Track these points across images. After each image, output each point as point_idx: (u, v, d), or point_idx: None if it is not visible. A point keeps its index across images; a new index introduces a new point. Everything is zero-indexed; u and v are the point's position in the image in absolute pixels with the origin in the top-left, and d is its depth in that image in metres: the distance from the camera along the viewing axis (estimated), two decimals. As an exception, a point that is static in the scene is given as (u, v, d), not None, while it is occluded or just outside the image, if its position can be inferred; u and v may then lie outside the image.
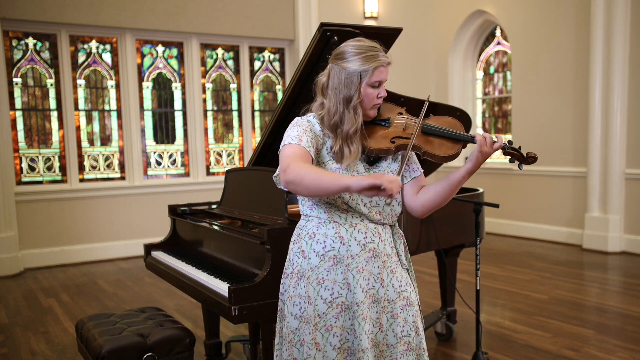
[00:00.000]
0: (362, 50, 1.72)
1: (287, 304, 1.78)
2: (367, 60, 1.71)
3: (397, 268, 1.81)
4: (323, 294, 1.72)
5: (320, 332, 1.71)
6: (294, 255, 1.80)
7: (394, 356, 1.76)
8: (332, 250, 1.73)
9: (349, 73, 1.72)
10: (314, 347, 1.70)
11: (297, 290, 1.76)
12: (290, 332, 1.76)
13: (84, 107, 6.44)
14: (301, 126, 1.73)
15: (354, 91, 1.71)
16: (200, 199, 5.96)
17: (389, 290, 1.77)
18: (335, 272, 1.73)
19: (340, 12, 7.43)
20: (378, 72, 1.72)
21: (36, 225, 6.09)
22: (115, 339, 2.37)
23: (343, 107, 1.73)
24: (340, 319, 1.72)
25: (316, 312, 1.72)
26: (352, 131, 1.73)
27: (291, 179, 1.56)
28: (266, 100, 7.51)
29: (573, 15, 6.45)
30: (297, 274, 1.77)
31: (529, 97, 7.03)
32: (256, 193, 2.69)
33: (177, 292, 4.78)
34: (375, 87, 1.74)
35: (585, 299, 4.49)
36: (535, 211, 7.00)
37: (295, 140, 1.68)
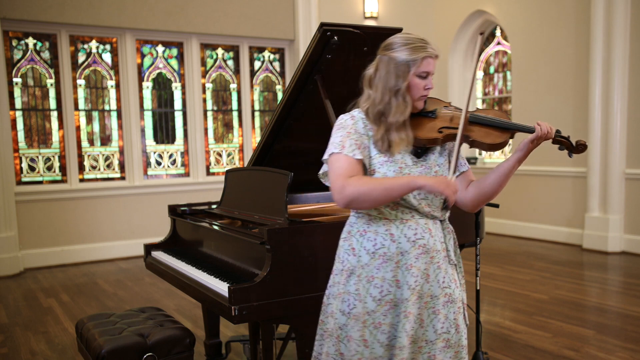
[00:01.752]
0: (411, 41, 1.74)
1: (335, 300, 1.79)
2: (416, 51, 1.72)
3: (443, 264, 1.81)
4: (372, 291, 1.74)
5: (368, 329, 1.73)
6: (344, 253, 1.81)
7: (432, 352, 1.76)
8: (383, 247, 1.74)
9: (397, 62, 1.72)
10: (362, 344, 1.72)
11: (347, 287, 1.77)
12: (338, 327, 1.77)
13: (84, 107, 6.44)
14: (344, 128, 1.75)
15: (402, 80, 1.72)
16: (200, 199, 5.96)
17: (434, 286, 1.77)
18: (385, 270, 1.74)
19: (340, 12, 7.43)
20: (426, 63, 1.73)
21: (36, 225, 6.09)
22: (115, 339, 2.37)
23: (390, 96, 1.73)
24: (388, 316, 1.74)
25: (365, 310, 1.73)
26: (401, 119, 1.73)
27: (354, 198, 1.63)
28: (266, 100, 7.51)
29: (573, 15, 6.45)
30: (347, 271, 1.78)
31: (529, 97, 7.03)
32: (256, 193, 2.69)
33: (177, 292, 4.78)
34: (423, 77, 1.74)
35: (585, 299, 4.49)
36: (535, 211, 7.00)
37: (338, 147, 1.71)
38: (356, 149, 1.71)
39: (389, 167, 1.73)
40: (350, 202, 1.65)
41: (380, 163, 1.73)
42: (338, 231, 2.28)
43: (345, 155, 1.69)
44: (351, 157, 1.69)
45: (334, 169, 1.69)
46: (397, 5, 7.85)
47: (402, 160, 1.75)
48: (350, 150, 1.70)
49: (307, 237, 2.22)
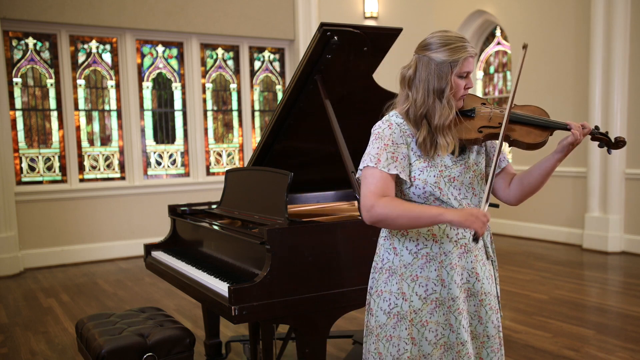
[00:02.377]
0: (451, 40, 1.72)
1: (375, 298, 1.80)
2: (457, 51, 1.70)
3: (486, 260, 1.84)
4: (418, 290, 1.74)
5: (416, 327, 1.74)
6: (385, 251, 1.81)
7: (495, 346, 1.81)
8: (425, 247, 1.75)
9: (438, 63, 1.71)
10: (410, 342, 1.73)
11: (387, 286, 1.77)
12: (378, 326, 1.77)
13: (84, 107, 6.44)
14: (382, 139, 1.72)
15: (445, 82, 1.71)
16: (200, 199, 5.95)
17: (485, 283, 1.79)
18: (428, 270, 1.74)
19: (340, 12, 7.43)
20: (467, 63, 1.72)
21: (36, 225, 6.09)
22: (115, 339, 2.37)
23: (433, 98, 1.71)
24: (435, 315, 1.74)
25: (412, 308, 1.74)
26: (448, 122, 1.72)
27: (380, 220, 1.65)
28: (266, 100, 7.51)
29: (573, 15, 6.45)
30: (388, 270, 1.78)
31: (529, 97, 7.02)
32: (256, 193, 2.69)
33: (177, 292, 4.78)
34: (463, 77, 1.73)
35: (585, 299, 4.49)
36: (535, 211, 7.00)
37: (374, 161, 1.69)
38: (392, 162, 1.69)
39: (429, 172, 1.72)
40: (376, 222, 1.65)
41: (420, 170, 1.72)
42: (338, 231, 2.29)
43: (380, 170, 1.68)
44: (385, 172, 1.67)
45: (367, 184, 1.68)
46: (397, 5, 7.85)
47: (442, 163, 1.74)
48: (386, 164, 1.68)
49: (307, 237, 2.22)
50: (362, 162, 1.74)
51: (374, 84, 2.79)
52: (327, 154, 2.91)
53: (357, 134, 2.29)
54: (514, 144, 1.79)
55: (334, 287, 2.24)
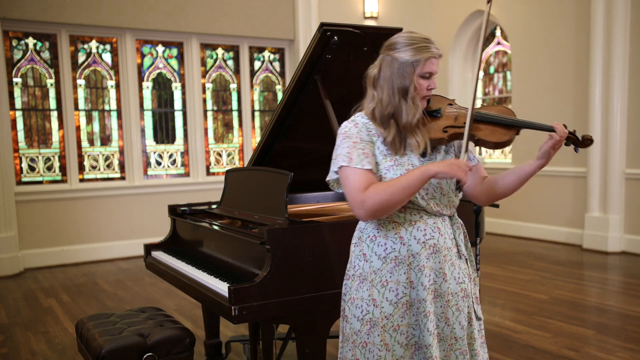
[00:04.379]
0: (414, 41, 1.72)
1: (349, 305, 1.80)
2: (420, 51, 1.71)
3: (456, 261, 1.82)
4: (388, 295, 1.74)
5: (388, 332, 1.74)
6: (356, 258, 1.81)
7: (463, 348, 1.79)
8: (393, 251, 1.74)
9: (401, 63, 1.71)
10: (384, 348, 1.73)
11: (359, 293, 1.77)
12: (353, 333, 1.77)
13: (84, 107, 6.44)
14: (350, 138, 1.73)
15: (409, 81, 1.71)
16: (200, 199, 5.95)
17: (452, 284, 1.78)
18: (398, 273, 1.74)
19: (340, 12, 7.43)
20: (430, 64, 1.72)
21: (36, 225, 6.09)
22: (115, 339, 2.37)
23: (398, 98, 1.72)
24: (406, 317, 1.75)
25: (383, 314, 1.73)
26: (414, 121, 1.72)
27: (377, 209, 1.64)
28: (266, 100, 7.51)
29: (573, 15, 6.45)
30: (359, 276, 1.78)
31: (529, 97, 7.03)
32: (256, 193, 2.69)
33: (177, 292, 4.78)
34: (426, 78, 1.73)
35: (585, 299, 4.49)
36: (535, 211, 7.00)
37: (346, 160, 1.69)
38: (365, 158, 1.69)
39: (396, 171, 1.72)
40: (374, 213, 1.65)
41: (387, 168, 1.73)
42: (338, 231, 2.29)
43: (354, 167, 1.68)
44: (361, 168, 1.68)
45: (348, 184, 1.68)
46: (397, 5, 7.85)
47: (409, 162, 1.74)
48: (359, 161, 1.69)
49: (307, 237, 2.22)
50: (335, 164, 1.74)
51: (374, 84, 2.78)
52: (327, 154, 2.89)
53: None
54: (480, 143, 1.80)
55: (334, 287, 2.24)
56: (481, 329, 1.89)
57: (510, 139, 1.77)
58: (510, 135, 1.77)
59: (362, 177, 1.67)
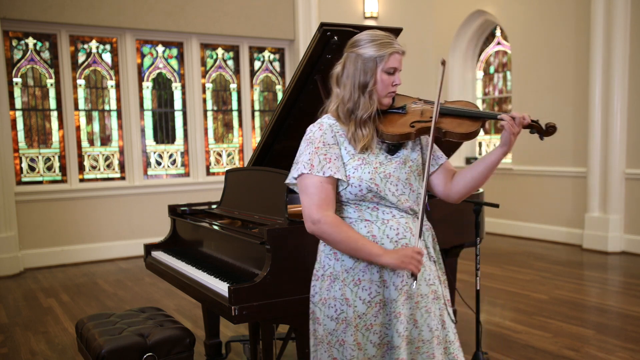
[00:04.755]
0: (377, 37, 1.74)
1: (320, 306, 1.78)
2: (383, 47, 1.72)
3: (427, 262, 1.82)
4: (361, 294, 1.73)
5: (361, 332, 1.73)
6: (326, 257, 1.79)
7: (430, 352, 1.77)
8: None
9: (364, 59, 1.72)
10: (356, 347, 1.72)
11: (331, 292, 1.76)
12: (328, 333, 1.76)
13: (84, 107, 6.44)
14: (312, 143, 1.73)
15: (370, 76, 1.72)
16: (200, 199, 5.94)
17: (422, 285, 1.78)
18: (370, 272, 1.74)
19: (340, 12, 7.43)
20: (393, 59, 1.73)
21: (36, 225, 6.09)
22: (115, 339, 2.37)
23: (358, 93, 1.73)
24: (379, 317, 1.74)
25: (356, 314, 1.73)
26: (366, 116, 1.73)
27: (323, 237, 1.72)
28: (266, 100, 7.51)
29: (573, 15, 6.45)
30: (330, 276, 1.77)
31: (529, 97, 7.03)
32: (256, 193, 2.69)
33: (177, 292, 4.78)
34: (390, 73, 1.74)
35: (585, 299, 4.49)
36: (535, 211, 7.00)
37: (307, 167, 1.70)
38: (326, 164, 1.69)
39: (363, 169, 1.72)
40: (319, 236, 1.72)
41: (354, 168, 1.72)
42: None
43: (315, 175, 1.68)
44: (321, 176, 1.68)
45: (308, 194, 1.70)
46: (397, 5, 7.85)
47: (376, 160, 1.75)
48: (320, 168, 1.69)
49: (307, 237, 2.21)
50: (296, 170, 1.74)
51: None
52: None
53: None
54: (447, 135, 1.81)
55: (334, 287, 2.24)
56: (456, 332, 1.87)
57: (477, 130, 1.80)
58: (477, 126, 1.79)
59: (324, 191, 1.69)
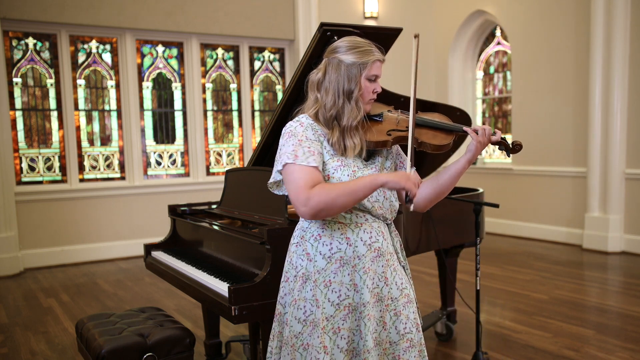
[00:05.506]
0: (359, 44, 1.74)
1: (289, 307, 1.76)
2: (365, 54, 1.73)
3: (398, 266, 1.83)
4: (330, 296, 1.72)
5: (328, 335, 1.70)
6: (298, 258, 1.78)
7: (396, 353, 1.77)
8: (339, 252, 1.73)
9: (348, 65, 1.72)
10: (322, 351, 1.69)
11: (302, 293, 1.73)
12: (293, 336, 1.73)
13: (84, 107, 6.45)
14: (295, 136, 1.71)
15: (354, 83, 1.72)
16: (200, 199, 5.96)
17: (393, 288, 1.78)
18: (342, 274, 1.73)
19: (340, 12, 7.43)
20: (376, 66, 1.75)
21: (36, 225, 6.09)
22: (115, 339, 2.37)
23: (343, 100, 1.73)
24: (347, 321, 1.72)
25: (324, 315, 1.71)
26: (355, 123, 1.73)
27: (321, 209, 1.60)
28: (266, 100, 7.51)
29: (573, 15, 6.45)
30: (302, 277, 1.75)
31: (529, 97, 7.03)
32: (256, 193, 2.69)
33: (177, 292, 4.78)
34: (372, 80, 1.75)
35: (585, 299, 4.49)
36: (535, 211, 7.00)
37: (291, 157, 1.66)
38: (310, 156, 1.67)
39: (343, 171, 1.72)
40: (317, 213, 1.62)
41: (334, 168, 1.72)
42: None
43: (299, 165, 1.65)
44: (306, 165, 1.65)
45: (292, 180, 1.65)
46: (397, 5, 7.85)
47: (354, 164, 1.75)
48: (304, 158, 1.66)
49: (307, 237, 2.22)
50: (279, 163, 1.71)
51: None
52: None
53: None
54: (422, 146, 1.85)
55: (334, 287, 2.24)
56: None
57: (450, 143, 1.85)
58: (450, 139, 1.85)
59: (308, 174, 1.64)
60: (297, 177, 1.64)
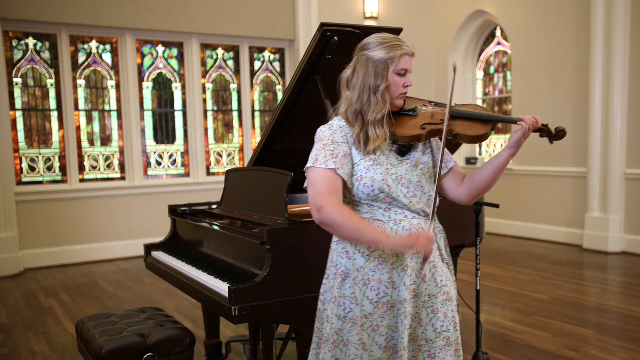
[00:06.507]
0: (387, 40, 1.75)
1: (328, 304, 1.79)
2: (393, 49, 1.73)
3: (438, 263, 1.82)
4: (369, 294, 1.73)
5: (366, 332, 1.72)
6: (338, 256, 1.80)
7: (432, 351, 1.77)
8: (377, 249, 1.74)
9: (375, 61, 1.74)
10: (361, 347, 1.72)
11: (341, 290, 1.76)
12: (334, 332, 1.76)
13: (84, 107, 6.44)
14: (321, 140, 1.75)
15: (381, 79, 1.73)
16: (200, 199, 5.95)
17: (430, 285, 1.78)
18: (380, 272, 1.74)
19: (340, 12, 7.43)
20: (404, 60, 1.74)
21: (36, 225, 6.09)
22: (115, 339, 2.37)
23: (368, 94, 1.74)
24: (385, 318, 1.74)
25: (363, 313, 1.73)
26: (379, 116, 1.74)
27: (328, 223, 1.66)
28: (266, 100, 7.51)
29: (573, 15, 6.45)
30: (342, 274, 1.77)
31: (529, 97, 7.03)
32: (256, 193, 2.69)
33: (177, 292, 4.78)
34: (401, 75, 1.75)
35: (585, 299, 4.49)
36: (535, 211, 7.00)
37: (311, 162, 1.72)
38: (330, 158, 1.70)
39: (375, 170, 1.73)
40: (323, 224, 1.67)
41: (366, 168, 1.73)
42: (338, 231, 2.29)
43: (317, 168, 1.69)
44: (323, 168, 1.69)
45: (311, 184, 1.71)
46: (397, 5, 7.85)
47: (388, 161, 1.76)
48: (323, 161, 1.70)
49: (307, 237, 2.22)
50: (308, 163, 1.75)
51: (374, 84, 2.79)
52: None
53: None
54: (458, 137, 1.83)
55: (334, 287, 2.24)
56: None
57: (487, 133, 1.81)
58: (487, 129, 1.81)
59: (324, 179, 1.68)
60: (315, 181, 1.69)
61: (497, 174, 1.80)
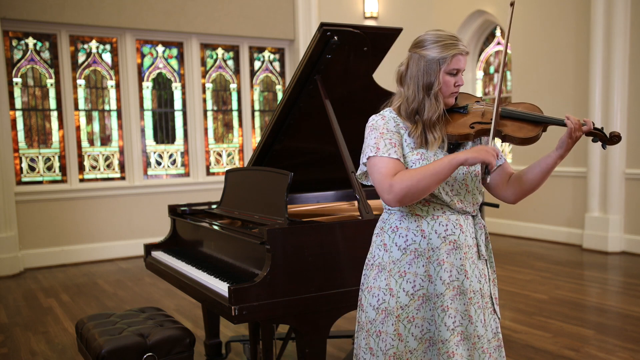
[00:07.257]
0: (441, 38, 1.74)
1: (365, 294, 1.83)
2: (446, 48, 1.73)
3: (477, 260, 1.82)
4: (405, 286, 1.76)
5: (402, 323, 1.76)
6: (376, 248, 1.83)
7: (485, 347, 1.79)
8: (414, 243, 1.76)
9: (428, 60, 1.74)
10: (397, 338, 1.75)
11: (376, 282, 1.79)
12: (368, 322, 1.80)
13: (84, 107, 6.45)
14: (377, 129, 1.76)
15: (434, 78, 1.74)
16: (200, 199, 5.96)
17: (474, 282, 1.79)
18: (416, 265, 1.76)
19: (340, 12, 7.43)
20: (456, 60, 1.74)
21: (36, 225, 6.09)
22: (115, 339, 2.37)
23: (423, 95, 1.75)
24: (421, 310, 1.76)
25: (398, 304, 1.75)
26: (435, 118, 1.75)
27: (405, 194, 1.65)
28: (266, 100, 7.51)
29: (573, 15, 6.45)
30: (378, 266, 1.80)
31: (529, 97, 7.03)
32: (256, 193, 2.69)
33: (177, 292, 4.78)
34: (453, 74, 1.76)
35: (585, 299, 4.49)
36: (535, 211, 7.00)
37: (373, 150, 1.73)
38: (391, 147, 1.72)
39: (422, 165, 1.74)
40: (401, 198, 1.66)
41: (413, 161, 1.75)
42: (338, 231, 2.29)
43: (381, 157, 1.71)
44: (387, 157, 1.71)
45: (376, 171, 1.71)
46: (397, 5, 7.85)
47: (435, 158, 1.76)
48: (386, 150, 1.72)
49: (307, 237, 2.22)
50: (364, 156, 1.77)
51: (374, 84, 2.79)
52: (327, 154, 2.92)
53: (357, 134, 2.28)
54: (506, 139, 1.80)
55: (334, 287, 2.24)
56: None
57: (537, 135, 1.76)
58: (537, 131, 1.76)
59: (390, 164, 1.70)
60: (380, 166, 1.70)
61: (545, 175, 1.80)
